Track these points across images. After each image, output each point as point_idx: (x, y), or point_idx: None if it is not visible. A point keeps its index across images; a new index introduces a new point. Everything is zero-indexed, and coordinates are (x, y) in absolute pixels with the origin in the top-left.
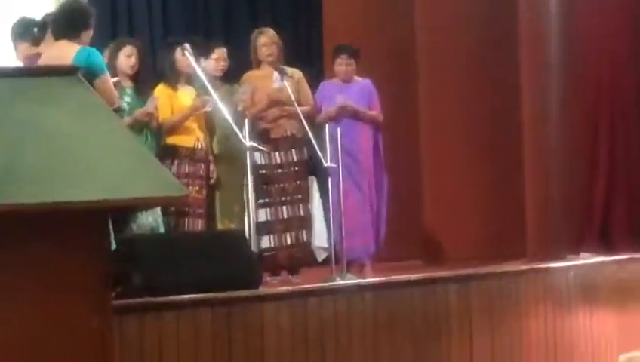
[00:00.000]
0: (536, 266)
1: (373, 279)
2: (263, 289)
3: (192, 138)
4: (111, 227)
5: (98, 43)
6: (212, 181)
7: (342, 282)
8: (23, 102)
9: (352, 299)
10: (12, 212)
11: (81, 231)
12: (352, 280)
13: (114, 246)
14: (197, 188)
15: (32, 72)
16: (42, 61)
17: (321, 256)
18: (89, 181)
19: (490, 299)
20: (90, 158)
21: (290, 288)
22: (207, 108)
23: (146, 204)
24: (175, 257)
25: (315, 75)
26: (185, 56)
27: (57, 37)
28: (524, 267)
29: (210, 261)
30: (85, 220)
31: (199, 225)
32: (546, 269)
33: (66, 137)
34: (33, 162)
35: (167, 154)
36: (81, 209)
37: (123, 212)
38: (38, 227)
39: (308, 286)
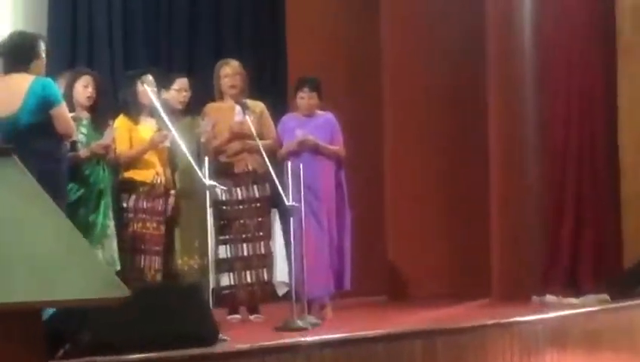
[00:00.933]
0: (503, 321)
1: (335, 335)
2: (219, 347)
3: (151, 172)
4: None
5: (56, 75)
6: (169, 213)
7: (302, 339)
8: None
9: (313, 356)
10: None
11: (10, 329)
12: (313, 337)
13: None
14: (155, 224)
15: None
16: None
17: (281, 291)
18: (20, 277)
19: (456, 354)
20: (22, 251)
21: (247, 346)
22: (166, 144)
23: (83, 305)
24: (127, 313)
25: (281, 107)
26: (143, 89)
27: (8, 70)
28: (491, 321)
29: (164, 317)
30: (14, 319)
31: (156, 262)
32: (514, 323)
33: None
34: None
35: (124, 188)
36: (9, 310)
37: None
38: None
39: (266, 343)
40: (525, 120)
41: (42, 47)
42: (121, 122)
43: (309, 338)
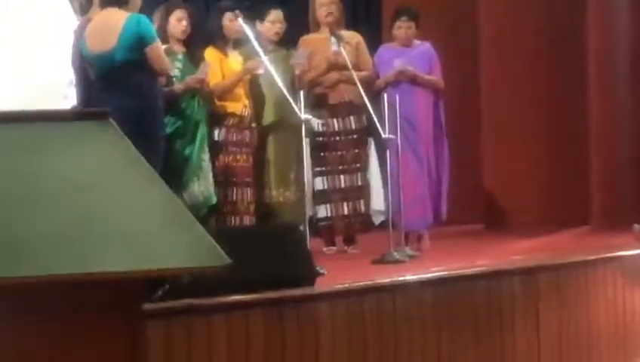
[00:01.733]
0: (605, 255)
1: (434, 274)
2: (317, 288)
3: (239, 105)
4: None
5: (150, 10)
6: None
7: (401, 278)
8: (42, 151)
9: (412, 295)
10: (13, 286)
11: (109, 299)
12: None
13: None
14: (244, 156)
15: (53, 116)
16: (91, 28)
17: (378, 219)
18: (117, 247)
19: (556, 287)
20: (119, 219)
21: (345, 286)
22: (260, 71)
23: (182, 274)
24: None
25: (374, 39)
26: (234, 22)
27: (104, 4)
28: (592, 256)
29: (263, 257)
30: (112, 288)
31: (248, 194)
32: (616, 258)
33: (91, 193)
34: (51, 225)
35: (216, 120)
36: (102, 282)
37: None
38: (51, 304)
39: (364, 283)
40: (625, 45)
41: None
42: (211, 55)
43: (408, 277)
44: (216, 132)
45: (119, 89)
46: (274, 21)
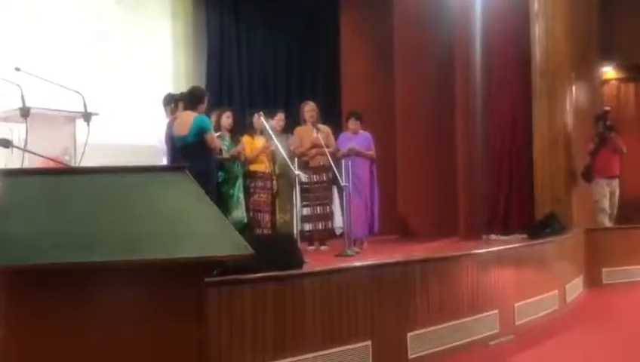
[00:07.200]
0: (467, 252)
1: (369, 262)
2: (304, 270)
3: (263, 166)
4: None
5: (211, 110)
6: (274, 191)
7: (351, 264)
8: (146, 188)
9: (358, 274)
10: (131, 265)
11: (181, 280)
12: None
13: None
14: (265, 195)
15: (154, 168)
16: (176, 123)
17: (338, 232)
18: (191, 243)
19: (439, 270)
20: (192, 228)
21: (320, 269)
22: (272, 147)
23: (226, 261)
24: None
25: (338, 128)
26: (259, 118)
27: (185, 108)
28: (459, 253)
29: (273, 252)
30: (184, 271)
31: (267, 217)
32: (473, 254)
33: (173, 213)
34: (151, 230)
35: (249, 175)
36: (181, 263)
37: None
38: (150, 277)
39: (331, 267)
40: (479, 131)
41: (206, 97)
42: (245, 139)
43: (356, 264)
44: (249, 181)
45: (190, 156)
46: (279, 119)
